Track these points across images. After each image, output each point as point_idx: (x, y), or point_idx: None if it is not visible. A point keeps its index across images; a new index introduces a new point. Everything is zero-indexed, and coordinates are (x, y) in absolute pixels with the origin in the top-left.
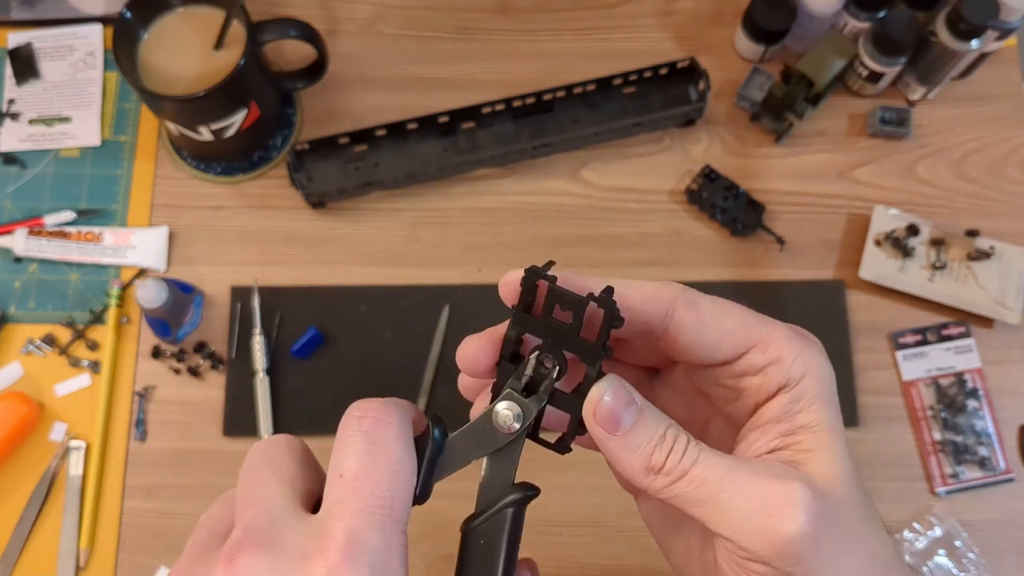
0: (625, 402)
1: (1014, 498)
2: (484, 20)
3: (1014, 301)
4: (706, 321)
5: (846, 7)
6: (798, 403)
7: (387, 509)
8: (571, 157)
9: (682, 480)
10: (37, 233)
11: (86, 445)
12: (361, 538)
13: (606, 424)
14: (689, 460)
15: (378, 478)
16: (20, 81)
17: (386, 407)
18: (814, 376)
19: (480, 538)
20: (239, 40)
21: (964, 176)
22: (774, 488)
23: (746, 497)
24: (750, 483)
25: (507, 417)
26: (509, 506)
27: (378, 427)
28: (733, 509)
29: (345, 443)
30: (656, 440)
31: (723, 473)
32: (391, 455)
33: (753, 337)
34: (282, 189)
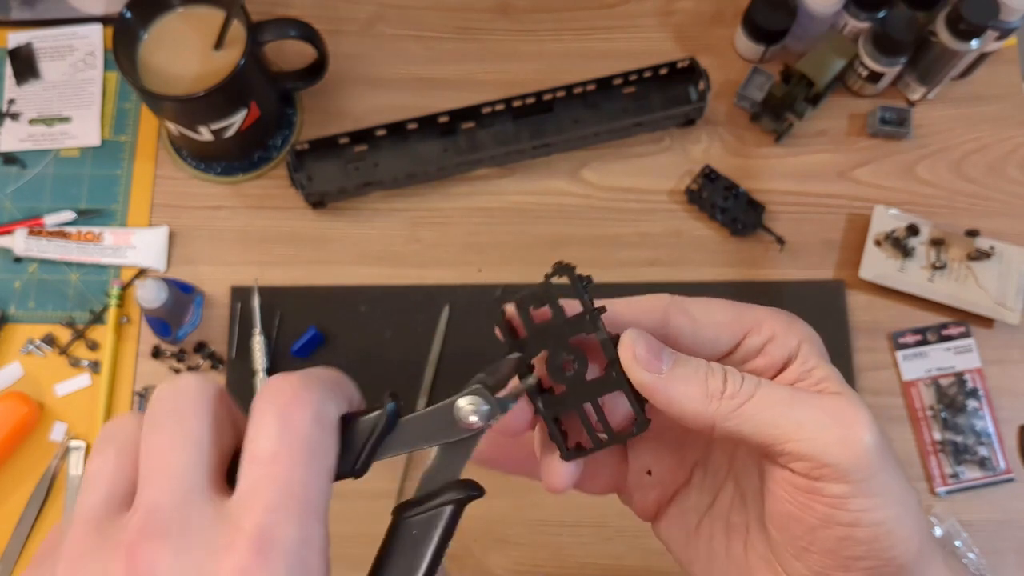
0: (657, 345)
1: (1014, 498)
2: (484, 20)
3: (1014, 301)
4: (699, 321)
5: (846, 7)
6: (807, 363)
7: (302, 499)
8: (571, 157)
9: (751, 402)
10: (37, 233)
11: (86, 445)
12: (275, 533)
13: (650, 364)
14: (752, 384)
15: (291, 464)
16: (20, 81)
17: (305, 383)
18: (808, 342)
19: (412, 529)
20: (239, 40)
21: (964, 176)
22: (842, 403)
23: (820, 410)
24: (818, 401)
25: (468, 412)
26: (449, 503)
27: (294, 406)
28: (810, 422)
29: (259, 422)
30: (703, 369)
31: (789, 393)
32: (306, 438)
33: (745, 324)
34: (282, 189)
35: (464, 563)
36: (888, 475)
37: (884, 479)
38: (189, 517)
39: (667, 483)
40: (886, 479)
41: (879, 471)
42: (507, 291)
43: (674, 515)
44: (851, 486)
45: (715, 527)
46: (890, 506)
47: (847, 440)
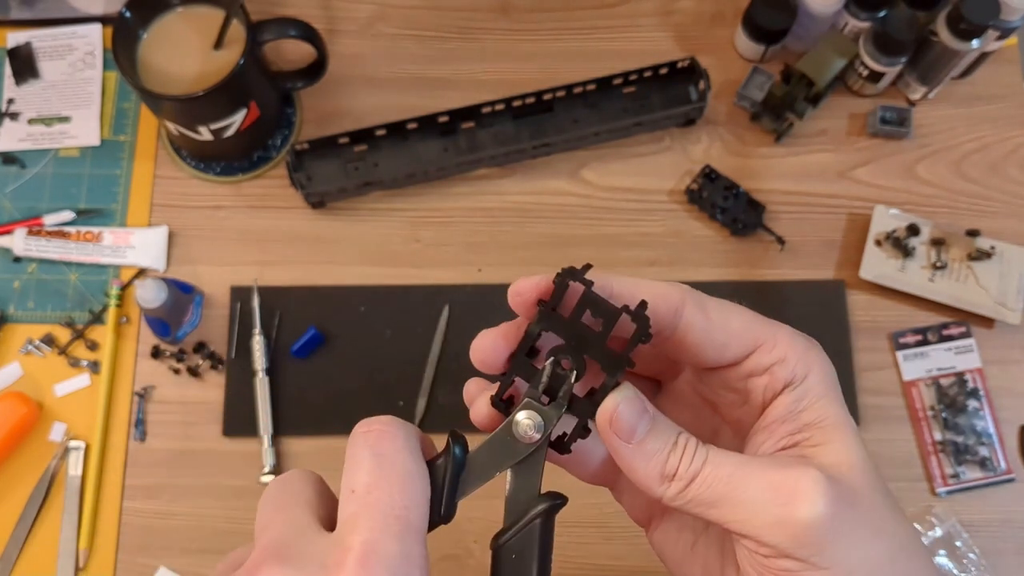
0: (639, 411)
1: (1015, 498)
2: (484, 20)
3: (1015, 301)
4: (713, 321)
5: (846, 7)
6: (802, 401)
7: (403, 520)
8: (571, 157)
9: (694, 482)
10: (36, 233)
11: (85, 445)
12: (379, 548)
13: (622, 433)
14: (699, 461)
15: (390, 490)
16: (19, 81)
17: (391, 421)
18: (817, 374)
19: (511, 553)
20: (239, 40)
21: (964, 176)
22: (786, 476)
23: (758, 489)
24: (761, 475)
25: (528, 427)
26: (537, 517)
27: (384, 440)
28: (747, 503)
29: (354, 459)
30: (669, 447)
31: (734, 469)
32: (400, 467)
33: (759, 337)
34: (282, 189)
35: (464, 563)
36: (843, 544)
37: (839, 549)
38: (300, 545)
39: None
40: (842, 549)
41: (829, 543)
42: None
43: (669, 530)
44: (797, 562)
45: (710, 551)
46: (850, 570)
47: (784, 521)
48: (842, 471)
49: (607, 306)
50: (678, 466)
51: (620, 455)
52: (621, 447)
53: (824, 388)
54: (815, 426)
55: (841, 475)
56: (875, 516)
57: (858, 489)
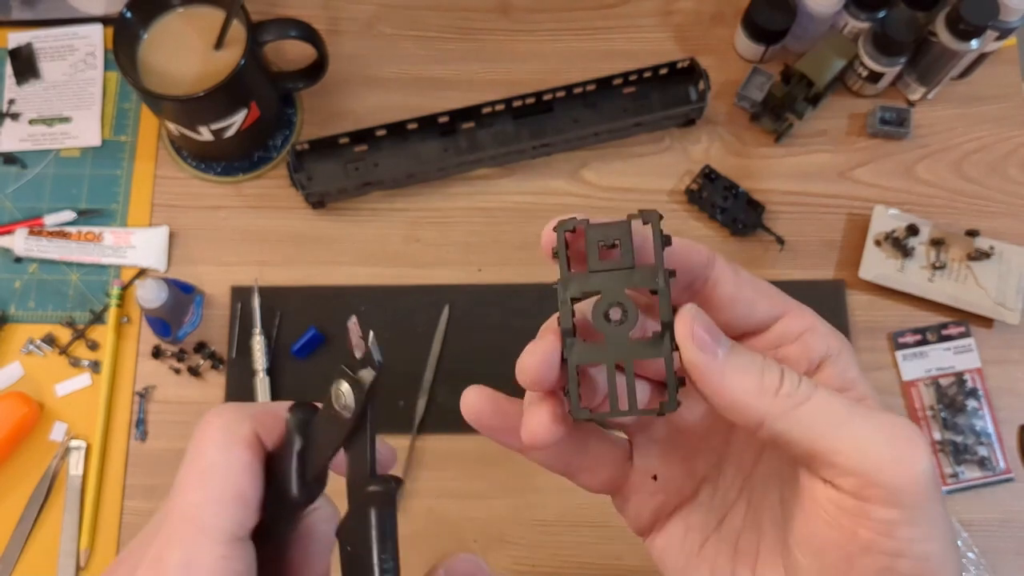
0: (716, 328)
1: (1014, 498)
2: (484, 20)
3: (1014, 301)
4: (743, 278)
5: (846, 7)
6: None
7: (195, 521)
8: (571, 157)
9: (807, 404)
10: (37, 233)
11: (86, 445)
12: (163, 559)
13: (705, 345)
14: (809, 387)
15: (187, 488)
16: (20, 81)
17: (217, 410)
18: (849, 353)
19: (347, 543)
20: (239, 40)
21: (964, 176)
22: (900, 424)
23: (878, 426)
24: (876, 416)
25: (341, 395)
26: (368, 504)
27: (200, 433)
28: (866, 437)
29: None
30: (761, 362)
31: (847, 404)
32: (200, 462)
33: (787, 304)
34: (282, 189)
35: None
36: (939, 508)
37: (936, 511)
38: (137, 548)
39: (670, 494)
40: (938, 511)
41: (931, 501)
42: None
43: (675, 533)
44: (901, 512)
45: (720, 550)
46: (938, 540)
47: (903, 461)
48: None
49: (612, 225)
50: (781, 383)
51: (710, 371)
52: (709, 362)
53: (857, 369)
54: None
55: None
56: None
57: None
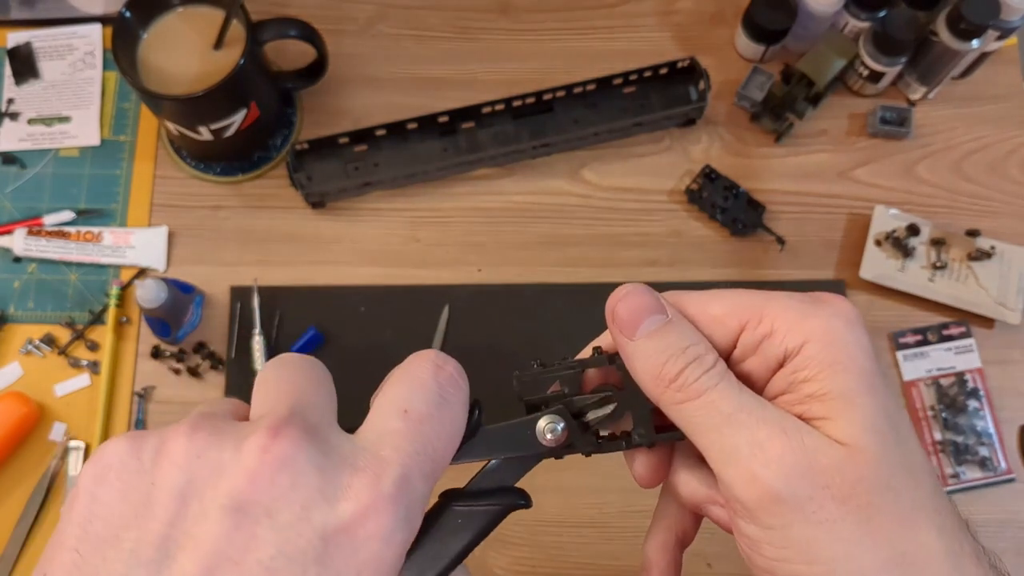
0: (649, 308)
1: (1015, 498)
2: (484, 20)
3: (1015, 301)
4: (691, 316)
5: (846, 7)
6: (800, 372)
7: (436, 464)
8: (571, 157)
9: (694, 402)
10: (36, 233)
11: (85, 445)
12: (411, 480)
13: (623, 326)
14: (706, 383)
15: (440, 432)
16: (19, 81)
17: (461, 371)
18: (817, 341)
19: (457, 518)
20: (239, 40)
21: (965, 176)
22: (775, 435)
23: (747, 437)
24: (759, 424)
25: (547, 430)
26: (498, 506)
27: (453, 386)
28: (736, 447)
29: (419, 383)
30: (673, 352)
31: (736, 409)
32: (456, 419)
33: (743, 315)
34: (282, 189)
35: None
36: (815, 529)
37: (806, 533)
38: (329, 433)
39: None
40: (810, 533)
41: (796, 523)
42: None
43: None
44: (761, 530)
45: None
46: (813, 564)
47: (755, 479)
48: (841, 456)
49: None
50: (678, 375)
51: (622, 352)
52: (622, 343)
53: (829, 355)
54: (817, 398)
55: (838, 460)
56: (869, 518)
57: (854, 480)
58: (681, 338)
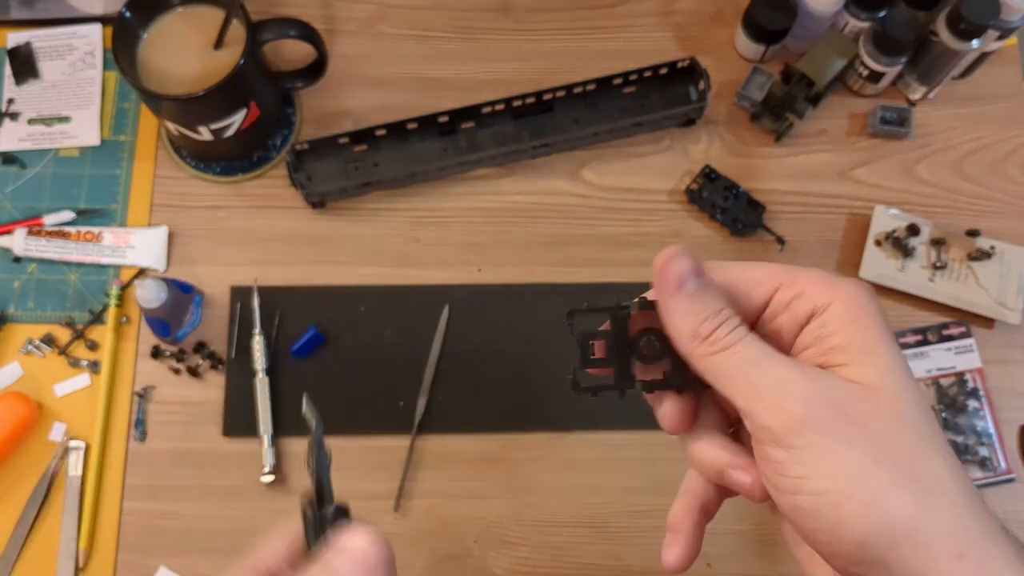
0: (691, 271)
1: (1015, 498)
2: (484, 20)
3: (1015, 301)
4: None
5: (846, 7)
6: (826, 327)
7: None
8: (571, 157)
9: (724, 353)
10: (36, 233)
11: (85, 445)
12: None
13: (669, 283)
14: (735, 337)
15: None
16: (19, 81)
17: None
18: (844, 301)
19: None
20: (239, 40)
21: (965, 176)
22: (797, 374)
23: (774, 375)
24: (779, 366)
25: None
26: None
27: None
28: (760, 386)
29: None
30: (711, 313)
31: (762, 355)
32: None
33: (779, 280)
34: (282, 189)
35: (464, 563)
36: (836, 447)
37: (828, 450)
38: None
39: None
40: (831, 450)
41: (819, 442)
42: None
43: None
44: (787, 451)
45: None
46: (834, 478)
47: (782, 406)
48: (859, 392)
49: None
50: (712, 332)
51: (665, 302)
52: (668, 296)
53: (852, 313)
54: (839, 349)
55: (856, 395)
56: (884, 442)
57: (871, 411)
58: (717, 301)
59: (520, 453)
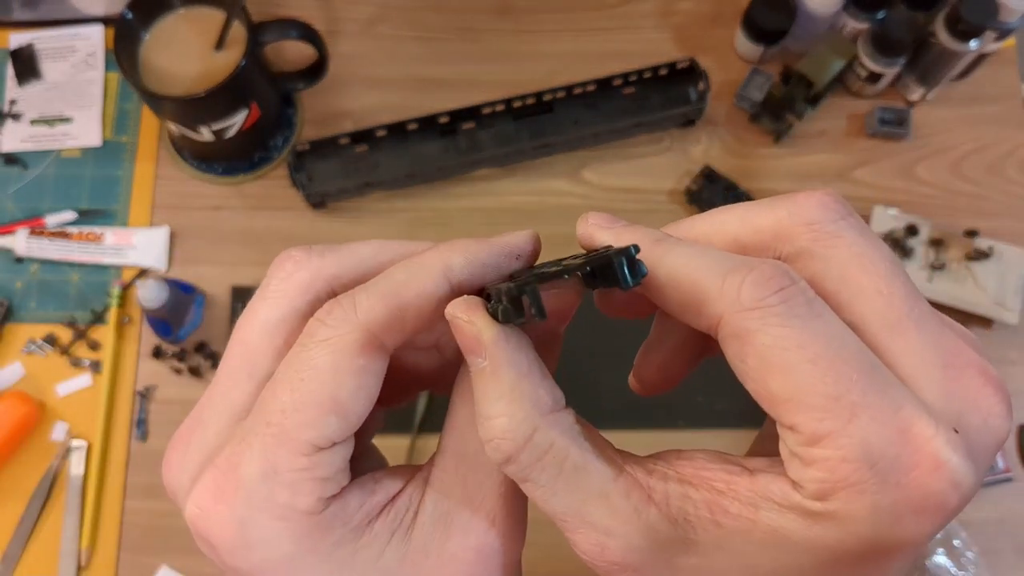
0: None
1: (1013, 497)
2: (484, 20)
3: (1013, 301)
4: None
5: (845, 8)
6: (788, 498)
7: (276, 428)
8: (571, 157)
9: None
10: (38, 233)
11: (87, 445)
12: (240, 466)
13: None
14: (519, 477)
15: (275, 388)
16: (22, 81)
17: (333, 305)
18: (835, 511)
19: None
20: (240, 41)
21: (963, 177)
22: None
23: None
24: (570, 531)
25: None
26: None
27: (311, 327)
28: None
29: None
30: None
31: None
32: (304, 362)
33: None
34: (283, 189)
35: None
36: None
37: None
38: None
39: None
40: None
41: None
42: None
43: None
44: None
45: None
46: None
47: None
48: None
49: None
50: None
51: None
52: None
53: (821, 536)
54: None
55: None
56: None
57: None
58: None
59: None
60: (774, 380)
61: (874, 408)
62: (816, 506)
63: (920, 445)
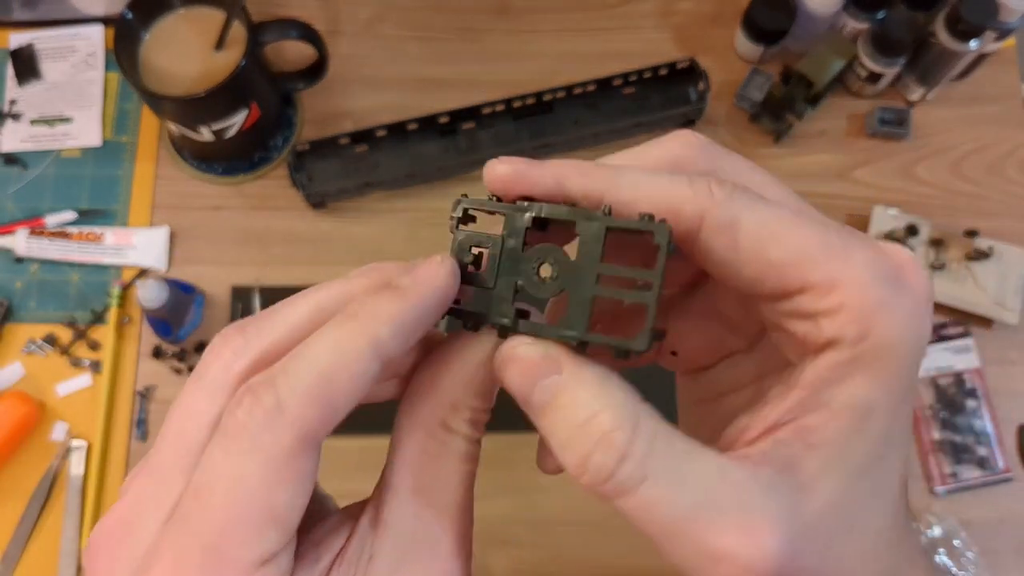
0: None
1: (1013, 498)
2: (484, 20)
3: (1013, 301)
4: (743, 249)
5: (845, 8)
6: (838, 370)
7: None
8: (571, 157)
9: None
10: (38, 233)
11: (87, 445)
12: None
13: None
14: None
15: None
16: (22, 81)
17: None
18: (877, 339)
19: None
20: (240, 41)
21: (963, 177)
22: (723, 538)
23: (695, 544)
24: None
25: None
26: None
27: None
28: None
29: None
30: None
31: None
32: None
33: (809, 276)
34: (283, 189)
35: None
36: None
37: None
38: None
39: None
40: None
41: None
42: None
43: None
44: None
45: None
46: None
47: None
48: (798, 526)
49: None
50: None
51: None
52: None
53: (877, 361)
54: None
55: (797, 530)
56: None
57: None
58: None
59: (520, 453)
60: (774, 250)
61: (856, 242)
62: (864, 347)
63: (896, 255)
